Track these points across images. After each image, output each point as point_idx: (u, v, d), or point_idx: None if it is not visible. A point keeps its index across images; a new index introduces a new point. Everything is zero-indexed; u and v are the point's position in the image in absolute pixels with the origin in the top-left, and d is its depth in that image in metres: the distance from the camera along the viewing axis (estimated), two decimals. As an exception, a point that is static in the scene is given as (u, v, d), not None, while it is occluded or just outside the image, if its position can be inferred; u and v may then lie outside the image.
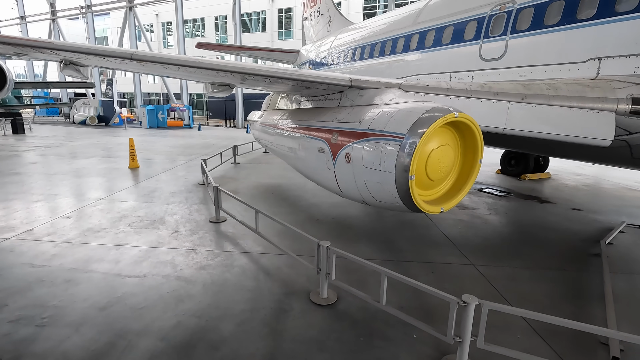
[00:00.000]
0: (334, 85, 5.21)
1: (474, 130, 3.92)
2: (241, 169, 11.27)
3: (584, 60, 5.28)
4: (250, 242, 5.33)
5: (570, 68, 5.44)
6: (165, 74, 6.49)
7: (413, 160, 3.61)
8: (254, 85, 6.30)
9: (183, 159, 12.86)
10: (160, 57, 5.07)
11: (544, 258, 4.99)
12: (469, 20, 7.18)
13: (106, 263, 4.52)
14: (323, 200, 7.74)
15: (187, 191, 8.21)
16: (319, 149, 5.25)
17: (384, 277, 3.15)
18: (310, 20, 18.36)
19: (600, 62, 5.09)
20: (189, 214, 6.55)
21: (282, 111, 7.52)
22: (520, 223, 6.55)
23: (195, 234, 5.60)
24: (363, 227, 6.17)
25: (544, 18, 5.77)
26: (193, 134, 23.59)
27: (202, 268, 4.44)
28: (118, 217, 6.31)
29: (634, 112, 4.53)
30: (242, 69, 5.06)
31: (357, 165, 4.31)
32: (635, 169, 5.53)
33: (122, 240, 5.24)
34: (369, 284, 4.09)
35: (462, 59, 7.31)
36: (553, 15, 5.64)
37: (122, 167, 10.92)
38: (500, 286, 4.14)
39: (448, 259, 4.90)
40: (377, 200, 4.32)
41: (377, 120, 4.12)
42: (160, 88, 49.36)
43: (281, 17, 40.81)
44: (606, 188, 9.59)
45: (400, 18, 9.62)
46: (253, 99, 35.78)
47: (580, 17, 5.29)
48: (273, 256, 4.84)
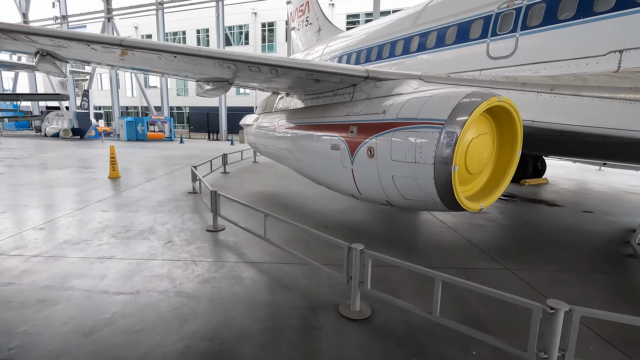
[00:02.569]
0: (348, 77, 4.79)
1: (515, 117, 3.56)
2: (232, 178, 10.62)
3: (603, 53, 5.09)
4: (257, 251, 4.72)
5: (589, 62, 5.24)
6: (157, 68, 5.90)
7: (456, 149, 3.19)
8: (256, 79, 5.80)
9: (167, 168, 12.07)
10: (154, 45, 4.53)
11: (579, 260, 4.63)
12: (474, 20, 7.00)
13: (89, 279, 3.80)
14: (326, 207, 7.22)
15: (177, 200, 7.51)
16: (333, 146, 4.77)
17: (439, 282, 2.65)
18: (298, 30, 18.18)
19: (622, 55, 4.91)
20: (182, 223, 5.87)
21: (283, 112, 7.04)
22: (538, 226, 6.23)
23: (191, 243, 4.94)
24: (377, 232, 5.67)
25: (557, 13, 5.60)
26: (175, 146, 22.68)
27: (206, 281, 3.80)
28: (100, 227, 5.56)
29: (667, 103, 4.31)
30: (248, 59, 4.57)
31: (383, 159, 3.85)
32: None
33: (107, 253, 4.53)
34: (401, 294, 3.57)
35: (468, 59, 7.09)
36: (568, 10, 5.48)
37: (102, 177, 10.06)
38: (546, 292, 3.71)
39: (479, 264, 4.46)
40: (407, 198, 3.86)
41: (407, 108, 3.70)
42: (139, 101, 47.97)
43: (264, 30, 40.81)
44: (606, 192, 9.54)
45: (398, 21, 9.45)
46: (237, 112, 35.24)
47: (597, 10, 5.14)
48: (286, 265, 4.26)
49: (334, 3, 34.95)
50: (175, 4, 30.43)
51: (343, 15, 35.03)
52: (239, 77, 5.62)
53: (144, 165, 12.78)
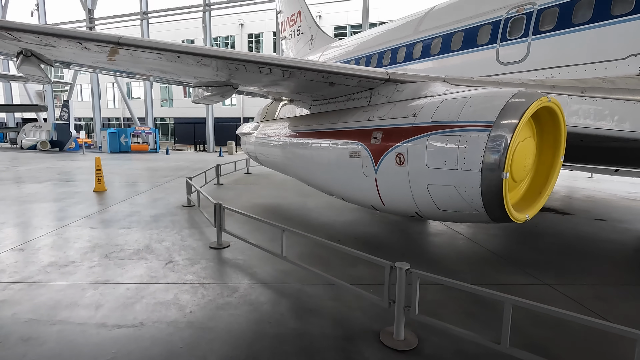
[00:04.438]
0: (367, 80, 4.48)
1: (561, 120, 3.29)
2: (227, 190, 10.09)
3: (623, 57, 4.96)
4: (271, 269, 4.26)
5: (607, 66, 5.10)
6: (151, 71, 5.43)
7: (509, 154, 2.87)
8: (262, 82, 5.41)
9: (157, 181, 11.44)
10: (156, 44, 4.10)
11: (615, 272, 4.38)
12: (481, 25, 6.86)
13: (82, 309, 3.26)
14: (333, 219, 6.82)
15: (172, 214, 6.95)
16: (352, 153, 4.41)
17: (509, 307, 2.28)
18: (289, 39, 17.98)
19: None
20: (181, 240, 5.35)
21: (288, 119, 6.65)
22: (556, 235, 5.99)
23: (196, 263, 4.43)
24: (394, 246, 5.30)
25: (572, 17, 5.48)
26: (161, 157, 21.89)
27: (220, 308, 3.32)
28: (89, 247, 4.98)
29: (700, 106, 4.16)
30: (260, 59, 4.20)
31: (416, 167, 3.51)
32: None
33: (100, 277, 3.97)
34: (442, 317, 3.19)
35: (476, 65, 6.92)
36: (583, 13, 5.36)
37: (86, 191, 9.36)
38: (597, 309, 3.40)
39: (514, 278, 4.13)
40: (443, 209, 3.51)
41: (443, 110, 3.38)
42: (122, 112, 46.71)
43: (251, 42, 40.66)
44: (608, 199, 9.50)
45: (399, 28, 9.29)
46: (224, 122, 34.65)
47: (615, 13, 5.02)
48: (307, 286, 3.81)
49: (321, 15, 35.19)
50: (161, 13, 29.91)
51: (330, 27, 35.25)
52: (245, 80, 5.23)
53: (131, 178, 12.10)
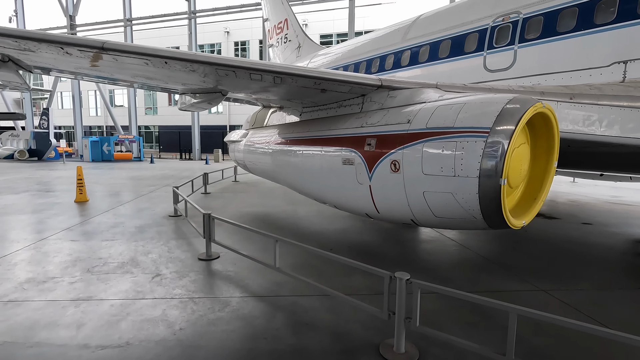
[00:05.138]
0: (360, 87, 4.44)
1: (554, 126, 3.31)
2: (215, 199, 9.88)
3: (607, 64, 5.09)
4: (263, 281, 4.12)
5: (592, 73, 5.22)
6: (136, 77, 5.27)
7: (506, 160, 2.85)
8: (250, 89, 5.31)
9: (141, 190, 11.12)
10: (143, 49, 3.97)
11: (607, 277, 4.41)
12: (468, 33, 6.97)
13: (62, 329, 3.05)
14: (325, 227, 6.72)
15: (158, 225, 6.72)
16: (345, 160, 4.34)
17: (514, 317, 2.22)
18: (276, 47, 17.97)
19: (626, 66, 4.91)
20: (168, 252, 5.14)
21: (277, 126, 6.56)
22: (547, 240, 6.03)
23: (184, 276, 4.25)
24: (388, 254, 5.23)
25: (556, 25, 5.61)
26: (145, 166, 21.40)
27: (211, 324, 3.16)
28: (70, 261, 4.73)
29: (683, 111, 4.27)
30: (251, 65, 4.11)
31: (412, 173, 3.46)
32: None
33: (82, 293, 3.76)
34: (442, 327, 3.11)
35: (464, 72, 7.01)
36: (567, 22, 5.49)
37: (67, 202, 9.00)
38: (595, 315, 3.39)
39: (510, 285, 4.11)
40: (439, 216, 3.47)
41: (438, 117, 3.35)
42: (104, 121, 45.72)
43: (237, 49, 40.55)
44: (592, 203, 9.71)
45: (386, 35, 9.37)
46: (210, 130, 34.25)
47: (598, 22, 5.15)
48: (302, 298, 3.69)
49: (308, 23, 35.46)
50: (145, 20, 29.55)
51: (317, 35, 35.50)
52: (234, 86, 5.13)
53: (114, 188, 11.73)
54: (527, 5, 5.98)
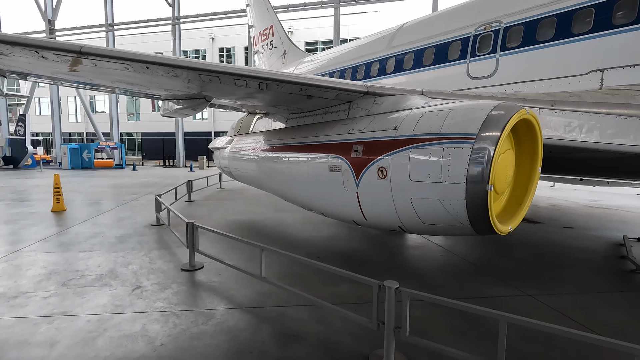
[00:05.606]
0: (346, 93, 4.42)
1: (537, 132, 3.35)
2: (199, 207, 9.67)
3: (584, 72, 5.24)
4: (249, 291, 4.01)
5: (571, 81, 5.37)
6: (117, 83, 5.13)
7: (493, 166, 2.86)
8: (236, 95, 5.23)
9: (122, 198, 10.80)
10: (123, 53, 3.86)
11: (590, 280, 4.48)
12: (451, 41, 7.09)
13: (34, 348, 2.87)
14: (312, 234, 6.64)
15: (139, 234, 6.51)
16: (332, 167, 4.30)
17: (504, 325, 2.20)
18: (261, 53, 17.93)
19: (603, 74, 5.07)
20: (149, 262, 4.97)
21: (263, 133, 6.48)
22: (531, 244, 6.12)
23: (167, 288, 4.09)
24: (376, 261, 5.19)
25: (536, 34, 5.76)
26: (127, 173, 20.88)
27: (195, 338, 3.03)
28: (44, 274, 4.50)
29: (658, 118, 4.41)
30: (236, 71, 4.04)
31: (400, 180, 3.44)
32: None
33: (56, 308, 3.56)
34: (431, 335, 3.08)
35: (448, 79, 7.11)
36: (545, 32, 5.64)
37: (43, 211, 8.64)
38: (581, 319, 3.41)
39: (496, 290, 4.12)
40: (427, 223, 3.45)
41: (424, 123, 3.35)
42: (84, 127, 44.59)
43: (222, 56, 40.34)
44: (571, 207, 9.96)
45: (371, 43, 9.46)
46: (194, 137, 33.80)
47: (576, 32, 5.31)
48: (289, 309, 3.59)
49: (293, 30, 35.63)
50: (128, 26, 29.10)
51: (302, 42, 35.65)
52: (219, 92, 5.04)
53: (94, 196, 11.36)
54: (507, 15, 6.13)
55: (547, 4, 5.65)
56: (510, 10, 6.12)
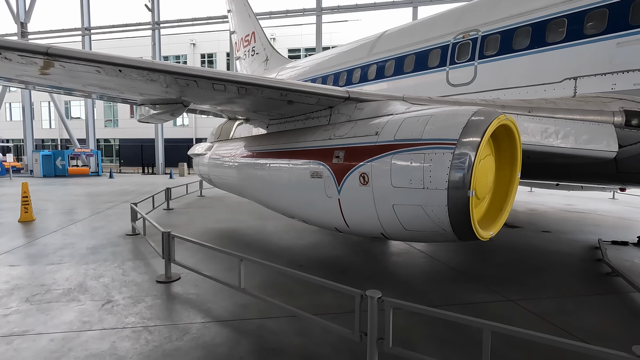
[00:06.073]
0: (327, 98, 4.36)
1: (517, 137, 3.38)
2: (178, 215, 9.38)
3: (559, 80, 5.38)
4: (228, 303, 3.85)
5: (546, 88, 5.50)
6: (90, 87, 4.91)
7: (474, 172, 2.84)
8: (215, 100, 5.10)
9: (97, 207, 10.37)
10: (93, 55, 3.69)
11: (569, 284, 4.54)
12: (431, 49, 7.19)
13: (-12, 372, 2.64)
14: (294, 242, 6.52)
15: (113, 245, 6.22)
16: (313, 173, 4.22)
17: (488, 333, 2.15)
18: (243, 59, 17.80)
19: (576, 81, 5.22)
20: (122, 274, 4.73)
21: (244, 139, 6.35)
22: (512, 249, 6.19)
23: (140, 302, 3.89)
24: (359, 268, 5.11)
25: (512, 43, 5.90)
26: (104, 181, 20.18)
27: (168, 355, 2.86)
28: (6, 289, 4.21)
29: (628, 124, 4.56)
30: (214, 75, 3.93)
31: (381, 186, 3.39)
32: (614, 185, 5.68)
33: (17, 327, 3.30)
34: (415, 345, 3.01)
35: (428, 86, 7.20)
36: (521, 40, 5.78)
37: (9, 222, 8.18)
38: (562, 324, 3.43)
39: (479, 296, 4.11)
40: (409, 229, 3.40)
41: (406, 128, 3.32)
42: (58, 133, 43.01)
43: (203, 62, 39.90)
44: (548, 211, 10.21)
45: (353, 50, 9.51)
46: (175, 143, 33.14)
47: (549, 41, 5.46)
48: (269, 321, 3.46)
49: (275, 37, 35.66)
50: (105, 30, 28.41)
51: (285, 49, 35.68)
52: (197, 97, 4.90)
53: (67, 205, 10.87)
54: (485, 24, 6.26)
55: (522, 14, 5.81)
56: (487, 20, 6.26)
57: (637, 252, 5.98)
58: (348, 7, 23.52)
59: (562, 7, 5.33)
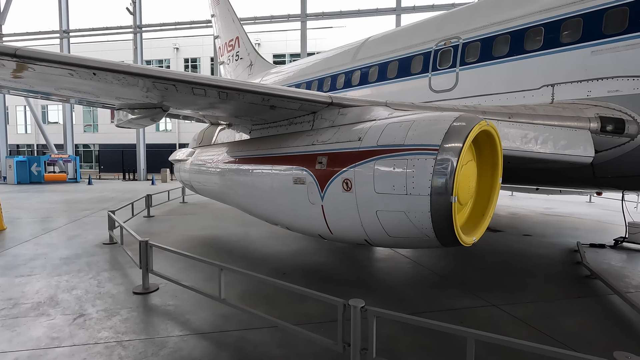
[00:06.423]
0: (310, 104, 4.32)
1: (497, 143, 3.40)
2: (159, 222, 9.13)
3: (537, 87, 5.50)
4: (207, 314, 3.71)
5: (525, 95, 5.62)
6: (69, 91, 4.72)
7: (456, 177, 2.83)
8: (196, 105, 4.99)
9: (73, 215, 9.99)
10: (65, 58, 3.56)
11: (550, 287, 4.60)
12: (414, 55, 7.26)
13: (-57, 396, 2.44)
14: (278, 249, 6.41)
15: (89, 254, 5.97)
16: (296, 179, 4.15)
17: (472, 342, 2.12)
18: (227, 64, 17.65)
19: (554, 88, 5.34)
20: (97, 286, 4.52)
21: (226, 144, 6.23)
22: (494, 253, 6.26)
23: (114, 315, 3.71)
24: (343, 276, 5.05)
25: (492, 50, 6.01)
26: (82, 188, 19.55)
27: (142, 372, 2.72)
28: (-30, 304, 3.96)
29: (603, 130, 4.68)
30: (193, 79, 3.83)
31: (365, 192, 3.35)
32: (591, 189, 5.83)
33: (-22, 345, 3.09)
34: (400, 353, 2.96)
35: (411, 92, 7.25)
36: (501, 48, 5.90)
37: (-23, 231, 7.77)
38: (544, 328, 3.45)
39: (463, 301, 4.10)
40: (393, 236, 3.37)
41: (389, 134, 3.30)
42: (35, 139, 41.58)
43: (187, 66, 39.42)
44: (529, 215, 10.42)
45: (337, 56, 9.54)
46: (157, 149, 32.47)
47: (528, 49, 5.59)
48: (250, 332, 3.35)
49: (260, 43, 35.59)
50: (85, 33, 27.75)
51: (270, 55, 35.67)
52: (177, 102, 4.77)
53: (41, 213, 10.44)
54: (465, 32, 6.37)
55: (501, 22, 5.93)
56: (468, 27, 6.37)
57: (614, 255, 6.14)
58: (332, 13, 23.71)
59: (539, 17, 5.47)
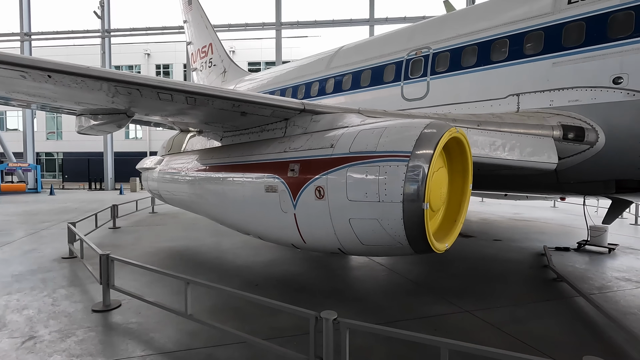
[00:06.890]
0: (282, 110, 4.24)
1: (467, 150, 3.44)
2: (125, 234, 8.68)
3: (503, 96, 5.69)
4: (173, 332, 3.50)
5: (492, 104, 5.80)
6: (20, 95, 4.41)
7: (428, 183, 2.82)
8: (165, 111, 4.80)
9: (31, 228, 9.34)
10: (14, 59, 3.29)
11: (520, 292, 4.71)
12: (387, 64, 7.37)
13: None
14: (250, 259, 6.23)
15: (44, 270, 5.55)
16: (268, 187, 4.04)
17: (445, 351, 2.07)
18: (200, 71, 17.32)
19: (519, 98, 5.55)
20: (52, 304, 4.18)
21: (196, 152, 6.02)
22: (465, 259, 6.36)
23: (69, 336, 3.42)
24: (317, 285, 4.95)
25: (460, 61, 6.19)
26: (43, 199, 18.41)
27: (97, 399, 2.49)
28: None
29: (565, 138, 4.88)
30: (159, 83, 3.66)
31: (337, 200, 3.29)
32: (555, 194, 6.06)
33: None
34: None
35: (384, 100, 7.33)
36: (468, 58, 6.09)
37: None
38: (516, 333, 3.48)
39: (437, 309, 4.10)
40: (366, 244, 3.32)
41: (361, 140, 3.27)
42: (-9, 146, 38.93)
43: (159, 72, 38.45)
44: (498, 220, 10.75)
45: (311, 64, 9.55)
46: (126, 157, 31.23)
47: (494, 59, 5.79)
48: (219, 349, 3.17)
49: (235, 50, 35.31)
50: (49, 36, 26.51)
51: (244, 62, 35.43)
52: (142, 107, 4.56)
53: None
54: (435, 42, 6.54)
55: (468, 33, 6.13)
56: (437, 38, 6.54)
57: (578, 257, 6.39)
58: (307, 23, 23.89)
59: (503, 29, 5.70)
